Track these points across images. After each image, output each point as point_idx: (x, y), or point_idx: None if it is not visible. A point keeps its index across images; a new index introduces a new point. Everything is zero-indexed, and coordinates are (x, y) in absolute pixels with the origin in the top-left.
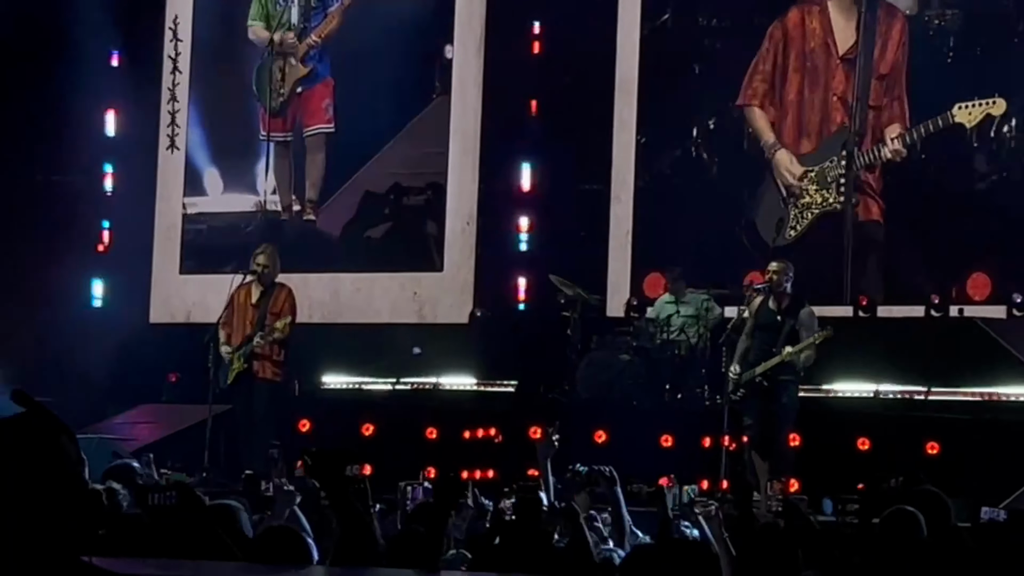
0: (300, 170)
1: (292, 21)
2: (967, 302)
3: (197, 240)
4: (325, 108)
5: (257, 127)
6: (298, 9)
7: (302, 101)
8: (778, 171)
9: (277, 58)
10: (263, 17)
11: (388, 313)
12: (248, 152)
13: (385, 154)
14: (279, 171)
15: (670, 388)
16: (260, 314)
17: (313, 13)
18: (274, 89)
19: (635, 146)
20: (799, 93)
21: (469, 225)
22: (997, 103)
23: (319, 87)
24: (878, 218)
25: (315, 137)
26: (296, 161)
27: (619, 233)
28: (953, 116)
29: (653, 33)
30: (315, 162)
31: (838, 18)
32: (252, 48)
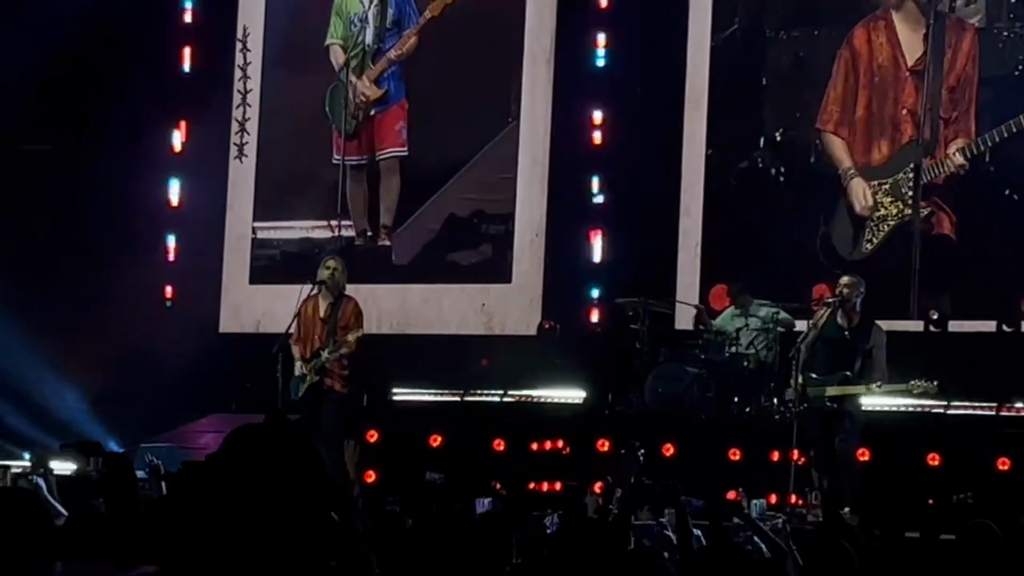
0: (374, 195)
1: (367, 42)
2: None
3: (270, 266)
4: (399, 131)
5: (328, 150)
6: (373, 30)
7: (375, 124)
8: (851, 200)
9: (351, 80)
10: (342, 37)
11: (456, 325)
12: (319, 176)
13: (459, 180)
14: (353, 196)
15: (738, 401)
16: (329, 328)
17: (388, 34)
18: (348, 112)
19: (704, 158)
20: (868, 108)
21: (538, 237)
22: None
23: (393, 109)
24: (950, 231)
25: (389, 161)
26: (369, 185)
27: (688, 245)
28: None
29: (721, 44)
30: (389, 187)
31: (905, 31)
32: (325, 66)
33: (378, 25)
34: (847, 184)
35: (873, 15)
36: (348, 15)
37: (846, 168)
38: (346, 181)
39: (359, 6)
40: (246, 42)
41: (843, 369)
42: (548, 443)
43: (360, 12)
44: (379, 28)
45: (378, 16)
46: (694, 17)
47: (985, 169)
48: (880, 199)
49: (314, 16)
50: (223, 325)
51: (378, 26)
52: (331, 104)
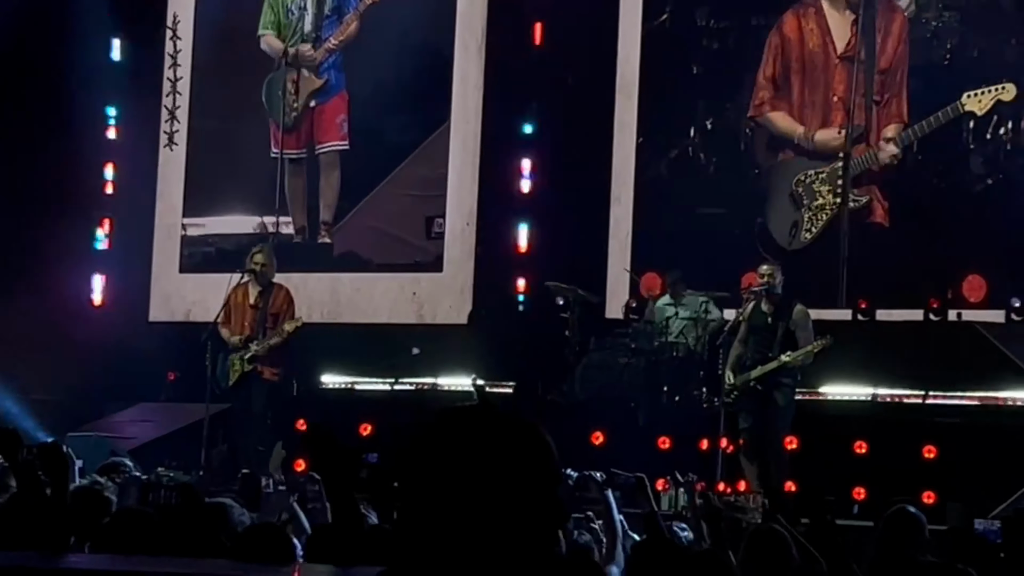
0: (313, 189)
1: (305, 30)
2: (963, 304)
3: (204, 260)
4: (340, 124)
5: (265, 143)
6: (312, 18)
7: (315, 116)
8: (826, 152)
9: (290, 70)
10: (275, 26)
11: (387, 313)
12: (255, 170)
13: (400, 174)
14: (292, 191)
15: (668, 390)
16: (260, 315)
17: (326, 22)
18: (287, 103)
19: (635, 147)
20: (801, 95)
21: (469, 226)
22: (1007, 88)
23: (334, 101)
24: (882, 220)
25: (329, 155)
26: (309, 180)
27: (619, 234)
28: (963, 105)
29: (651, 33)
30: (329, 181)
31: (834, 16)
32: (260, 57)
33: (317, 12)
34: (813, 142)
35: (802, 2)
36: (283, 3)
37: (802, 133)
38: (284, 175)
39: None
40: (176, 30)
41: (768, 352)
42: None
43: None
44: (318, 15)
45: (316, 3)
46: (625, 6)
47: (913, 158)
48: (817, 188)
49: (249, 4)
50: (153, 314)
51: (317, 13)
52: (268, 95)
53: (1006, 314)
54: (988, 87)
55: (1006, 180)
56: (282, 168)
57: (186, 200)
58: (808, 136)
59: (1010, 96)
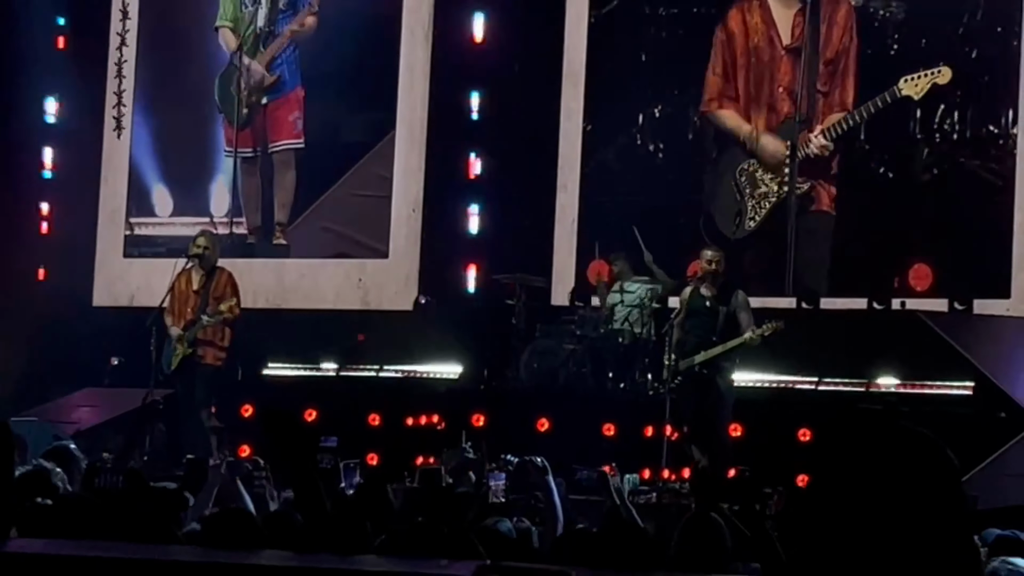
0: (267, 189)
1: (259, 24)
2: (909, 293)
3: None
4: (294, 122)
5: (216, 140)
6: (265, 12)
7: (268, 114)
8: (766, 156)
9: (242, 65)
10: (232, 19)
11: (333, 299)
12: (204, 168)
13: (356, 173)
14: (246, 190)
15: (613, 377)
16: (202, 300)
17: (282, 16)
18: (240, 100)
19: (581, 134)
20: (746, 88)
21: (415, 212)
22: (943, 72)
23: (288, 97)
24: (828, 208)
25: (283, 154)
26: (263, 179)
27: (564, 221)
28: (900, 90)
29: (600, 21)
30: (283, 181)
31: (779, 9)
32: (211, 49)
33: (271, 6)
34: (757, 142)
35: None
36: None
37: (748, 132)
38: (237, 174)
39: None
40: (126, 11)
41: (710, 336)
42: (423, 418)
43: None
44: (272, 9)
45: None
46: None
47: (860, 146)
48: (760, 176)
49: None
50: (96, 299)
51: (271, 7)
52: (220, 92)
53: (949, 303)
54: (924, 71)
55: (952, 170)
56: (235, 167)
57: (131, 198)
58: (753, 136)
59: (945, 79)
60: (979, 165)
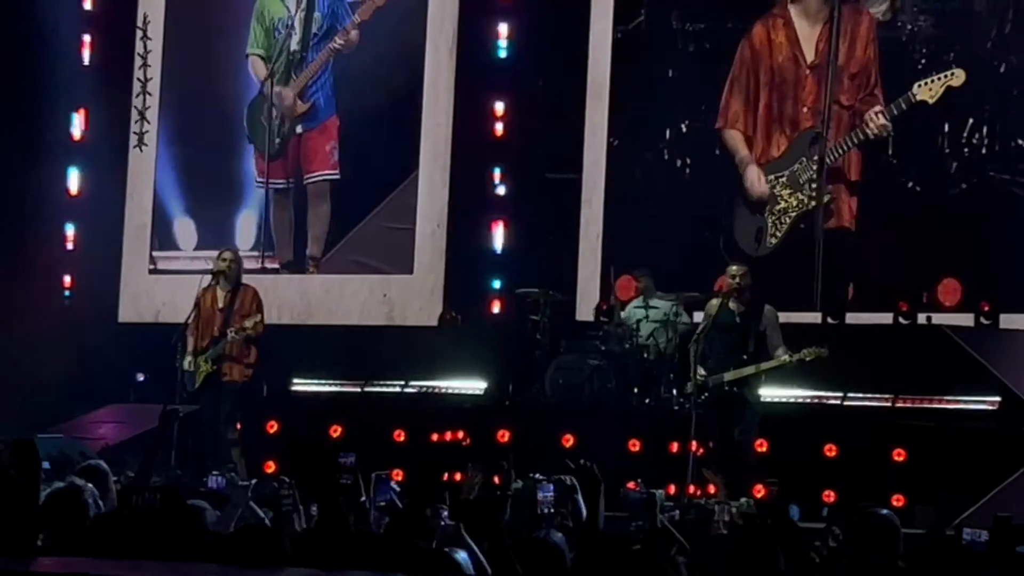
0: (300, 221)
1: (291, 49)
2: (938, 308)
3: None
4: (330, 151)
5: (243, 171)
6: (299, 36)
7: (303, 143)
8: (747, 186)
9: (272, 95)
10: (263, 46)
11: (358, 315)
12: (231, 199)
13: (389, 204)
14: (277, 222)
15: (638, 392)
16: (226, 317)
17: (314, 43)
18: (272, 130)
19: (606, 149)
20: (768, 107)
21: (439, 228)
22: (956, 74)
23: (325, 125)
24: (849, 223)
25: (318, 185)
26: (296, 211)
27: (589, 236)
28: (915, 95)
29: (627, 36)
30: (318, 213)
31: (803, 26)
32: (240, 76)
33: (304, 31)
34: (743, 171)
35: (771, 12)
36: (271, 21)
37: (741, 157)
38: (268, 206)
39: (283, 10)
40: (146, 30)
41: (739, 353)
42: (448, 434)
43: (285, 17)
44: (305, 34)
45: (304, 21)
46: (596, 8)
47: (887, 160)
48: (779, 192)
49: (222, 16)
50: (122, 315)
51: (304, 31)
52: (250, 121)
53: (975, 318)
54: (938, 74)
55: (981, 184)
56: (266, 198)
57: (154, 231)
58: (743, 165)
59: (959, 81)
60: (1008, 179)
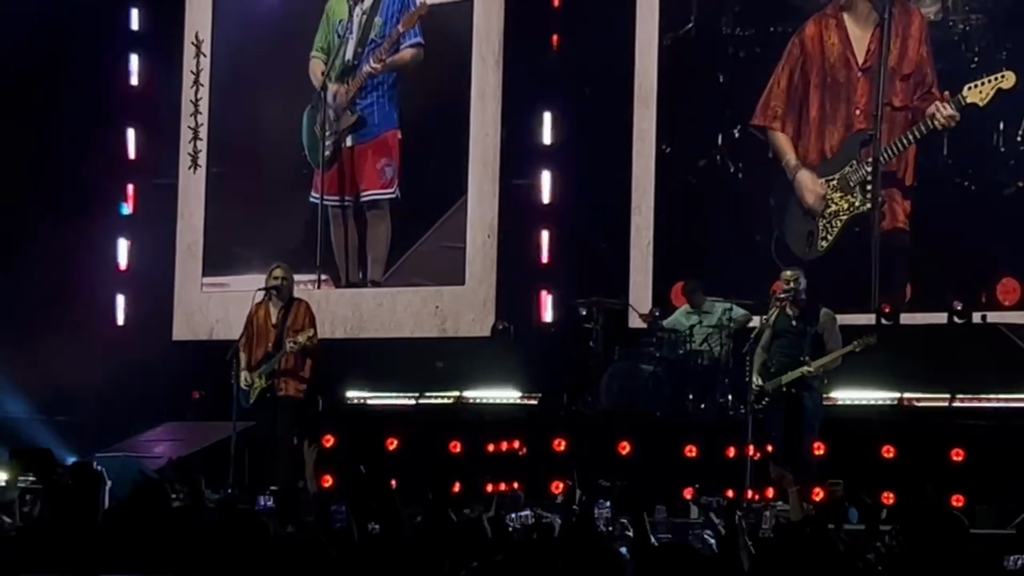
0: (362, 243)
1: (346, 57)
2: (997, 307)
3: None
4: (381, 169)
5: (298, 185)
6: (353, 41)
7: (356, 158)
8: (801, 192)
9: (325, 103)
10: (324, 48)
11: (410, 327)
12: (287, 217)
13: (447, 223)
14: (337, 243)
15: (693, 398)
16: (279, 332)
17: (368, 49)
18: (322, 139)
19: (655, 156)
20: (821, 109)
21: (490, 238)
22: (1006, 76)
23: (378, 140)
24: (903, 224)
25: (374, 204)
26: (355, 230)
27: (640, 244)
28: (965, 98)
29: (677, 42)
30: (376, 235)
31: (855, 28)
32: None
33: (362, 35)
34: (794, 177)
35: (823, 12)
36: (335, 22)
37: (792, 163)
38: (328, 224)
39: (346, 11)
40: (200, 47)
41: (797, 357)
42: (504, 444)
43: (346, 20)
44: (363, 38)
45: (363, 25)
46: (641, 16)
47: (943, 160)
48: (830, 195)
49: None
50: (176, 333)
51: (362, 36)
52: (308, 130)
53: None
54: (988, 77)
55: None
56: (320, 216)
57: (206, 256)
58: (795, 171)
59: (1010, 84)
60: None
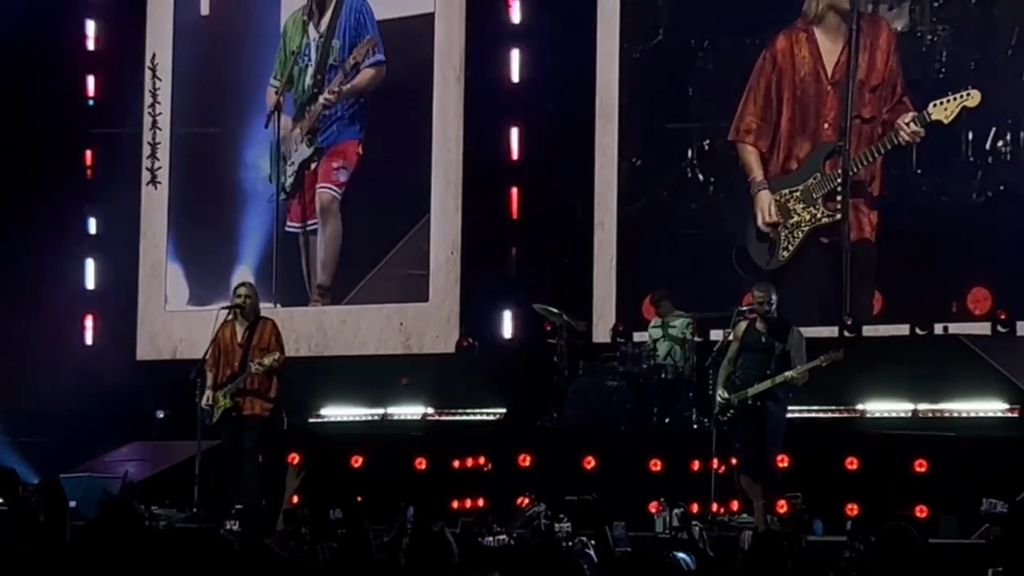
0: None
1: (306, 84)
2: (968, 317)
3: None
4: (337, 169)
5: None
6: (313, 69)
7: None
8: (757, 210)
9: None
10: (281, 77)
11: (375, 345)
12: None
13: (405, 247)
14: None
15: (658, 412)
16: (245, 351)
17: (329, 74)
18: (284, 171)
19: (617, 171)
20: (791, 121)
21: (453, 255)
22: (972, 95)
23: (337, 148)
24: (870, 235)
25: (324, 201)
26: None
27: (603, 259)
28: (929, 115)
29: (646, 54)
30: (327, 234)
31: (825, 41)
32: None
33: (320, 60)
34: (755, 195)
35: (793, 26)
36: (292, 50)
37: (757, 179)
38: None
39: (303, 39)
40: (156, 69)
41: (763, 371)
42: (470, 460)
43: (303, 47)
44: (320, 64)
45: (321, 50)
46: (602, 30)
47: (911, 171)
48: (792, 206)
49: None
50: (140, 352)
51: (320, 62)
52: (272, 159)
53: (992, 326)
54: (953, 95)
55: (1005, 192)
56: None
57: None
58: (758, 188)
59: (975, 102)
60: None
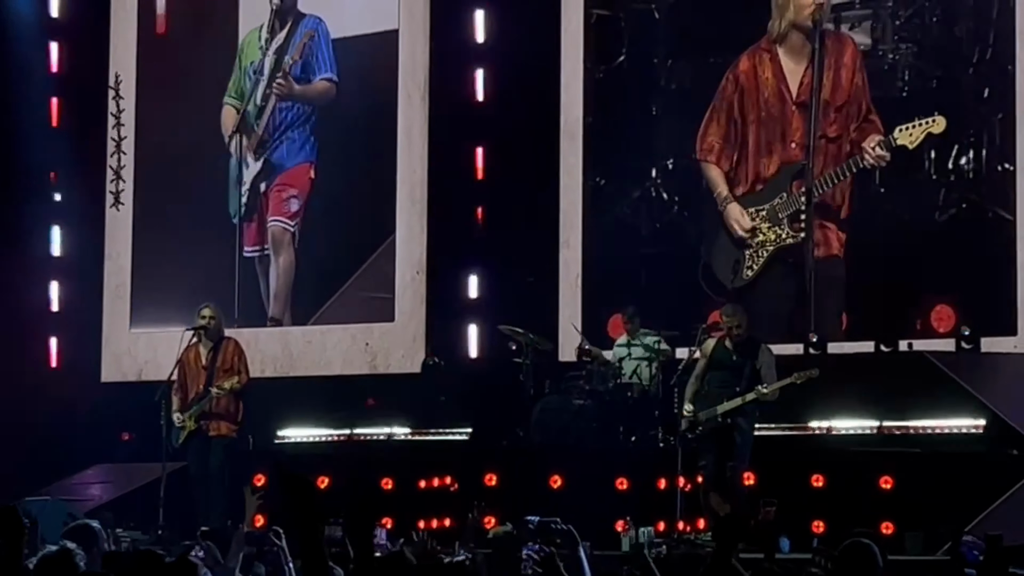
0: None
1: (257, 100)
2: (932, 334)
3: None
4: (287, 200)
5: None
6: (264, 84)
7: (272, 200)
8: (728, 223)
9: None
10: (237, 94)
11: (340, 365)
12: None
13: (368, 271)
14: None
15: (624, 431)
16: (209, 373)
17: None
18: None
19: (582, 190)
20: (757, 143)
21: (419, 274)
22: (937, 121)
23: (288, 174)
24: (838, 251)
25: (276, 234)
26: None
27: (568, 277)
28: (895, 139)
29: (609, 74)
30: (279, 266)
31: (788, 62)
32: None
33: (271, 75)
34: (723, 210)
35: (757, 46)
36: (247, 65)
37: (723, 195)
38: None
39: (257, 53)
40: (118, 90)
41: (732, 388)
42: (436, 480)
43: (257, 62)
44: (271, 79)
45: (272, 66)
46: (566, 49)
47: (875, 189)
48: (758, 225)
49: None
50: (105, 374)
51: (271, 77)
52: (231, 182)
53: (956, 343)
54: (919, 120)
55: (969, 209)
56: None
57: (133, 309)
58: (725, 203)
59: (940, 129)
60: (996, 203)
